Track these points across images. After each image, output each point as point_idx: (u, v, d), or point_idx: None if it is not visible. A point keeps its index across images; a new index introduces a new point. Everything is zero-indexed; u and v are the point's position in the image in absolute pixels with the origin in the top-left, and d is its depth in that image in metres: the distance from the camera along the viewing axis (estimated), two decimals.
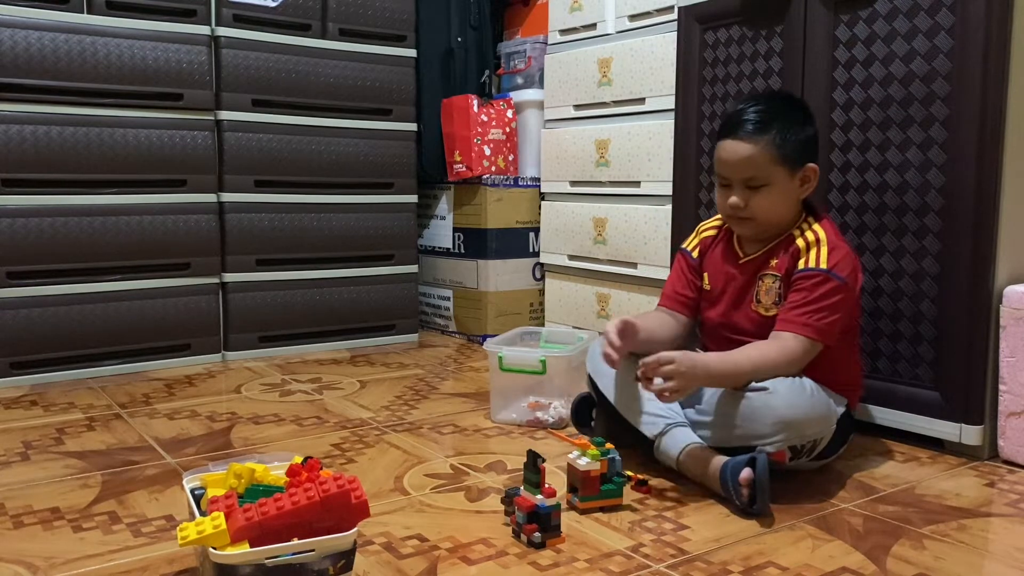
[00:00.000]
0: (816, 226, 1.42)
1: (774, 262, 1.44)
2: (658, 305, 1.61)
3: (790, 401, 1.31)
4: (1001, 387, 1.50)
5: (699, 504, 1.31)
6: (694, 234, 1.60)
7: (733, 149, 1.40)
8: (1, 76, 2.01)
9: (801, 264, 1.39)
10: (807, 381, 1.36)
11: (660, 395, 1.30)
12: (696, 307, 1.57)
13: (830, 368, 1.41)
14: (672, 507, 1.29)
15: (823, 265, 1.37)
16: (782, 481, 1.38)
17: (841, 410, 1.43)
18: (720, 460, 1.31)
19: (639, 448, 1.46)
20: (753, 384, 1.34)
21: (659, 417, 1.41)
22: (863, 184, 1.62)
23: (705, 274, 1.55)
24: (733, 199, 1.41)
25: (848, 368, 1.47)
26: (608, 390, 1.48)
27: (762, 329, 1.42)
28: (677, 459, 1.37)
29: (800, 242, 1.41)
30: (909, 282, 1.57)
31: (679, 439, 1.38)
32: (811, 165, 1.42)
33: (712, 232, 1.57)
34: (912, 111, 1.55)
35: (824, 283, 1.36)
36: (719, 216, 1.54)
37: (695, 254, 1.57)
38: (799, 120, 1.41)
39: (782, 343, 1.36)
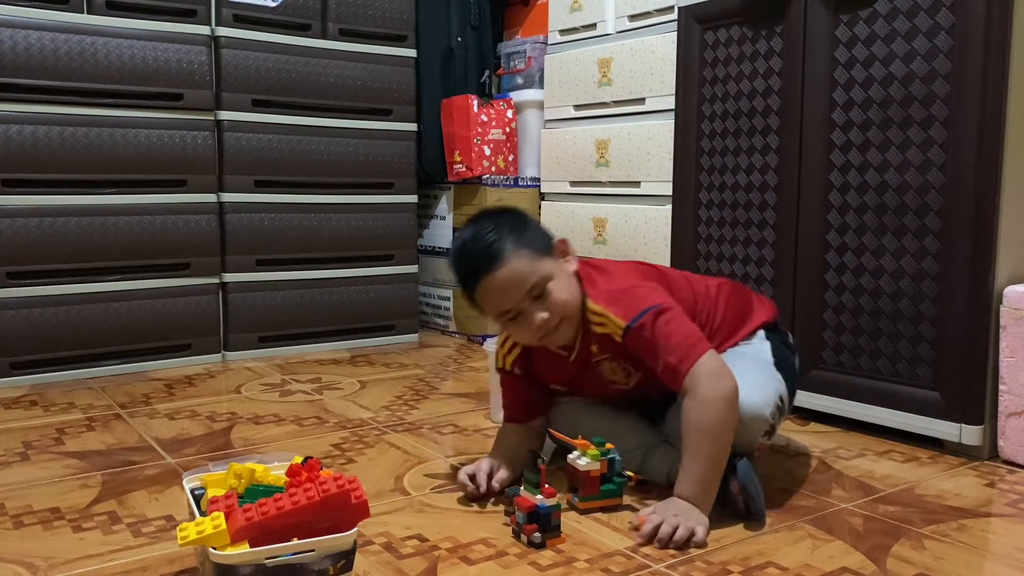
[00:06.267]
0: (588, 303, 1.32)
1: (595, 348, 1.36)
2: (505, 422, 1.46)
3: (750, 409, 1.25)
4: (1001, 387, 1.50)
5: None
6: (500, 356, 1.45)
7: (495, 282, 1.27)
8: (1, 76, 2.01)
9: (618, 338, 1.31)
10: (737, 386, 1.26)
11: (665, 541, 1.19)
12: (543, 406, 1.48)
13: (732, 321, 1.42)
14: None
15: (625, 323, 1.29)
16: (782, 481, 1.38)
17: (766, 346, 1.42)
18: None
19: None
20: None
21: (635, 449, 1.39)
22: (863, 184, 1.62)
23: (544, 377, 1.45)
24: (538, 316, 1.29)
25: (737, 305, 1.45)
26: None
27: (635, 389, 1.38)
28: (666, 480, 1.33)
29: (597, 328, 1.33)
30: (909, 282, 1.57)
31: (659, 462, 1.36)
32: (556, 240, 1.35)
33: (520, 348, 1.42)
34: (912, 111, 1.55)
35: (642, 328, 1.28)
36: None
37: (517, 371, 1.44)
38: (515, 219, 1.33)
39: (694, 394, 1.24)
